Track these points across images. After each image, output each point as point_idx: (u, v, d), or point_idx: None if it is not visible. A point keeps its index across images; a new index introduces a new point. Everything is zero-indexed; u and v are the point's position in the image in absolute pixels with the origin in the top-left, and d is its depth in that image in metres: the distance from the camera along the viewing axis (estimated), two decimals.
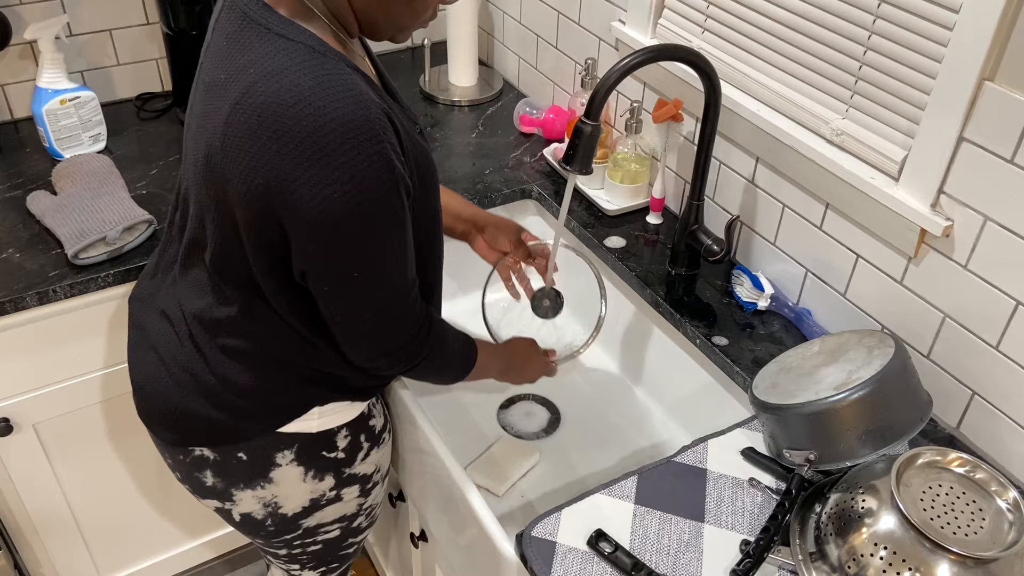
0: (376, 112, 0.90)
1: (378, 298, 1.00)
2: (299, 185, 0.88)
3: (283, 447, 1.16)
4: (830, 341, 1.15)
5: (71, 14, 1.72)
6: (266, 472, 1.17)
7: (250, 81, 0.89)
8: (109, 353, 1.51)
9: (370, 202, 0.90)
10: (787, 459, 1.08)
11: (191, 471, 1.19)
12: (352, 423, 1.21)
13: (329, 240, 0.92)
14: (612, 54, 1.64)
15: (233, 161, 0.91)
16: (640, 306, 1.50)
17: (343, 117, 0.86)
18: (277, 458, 1.17)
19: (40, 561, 1.69)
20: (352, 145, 0.87)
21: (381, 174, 0.90)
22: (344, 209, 0.89)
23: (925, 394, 1.08)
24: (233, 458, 1.16)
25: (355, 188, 0.88)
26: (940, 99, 1.06)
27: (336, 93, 0.87)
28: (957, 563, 0.87)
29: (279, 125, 0.87)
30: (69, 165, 1.58)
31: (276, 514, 1.22)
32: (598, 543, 1.01)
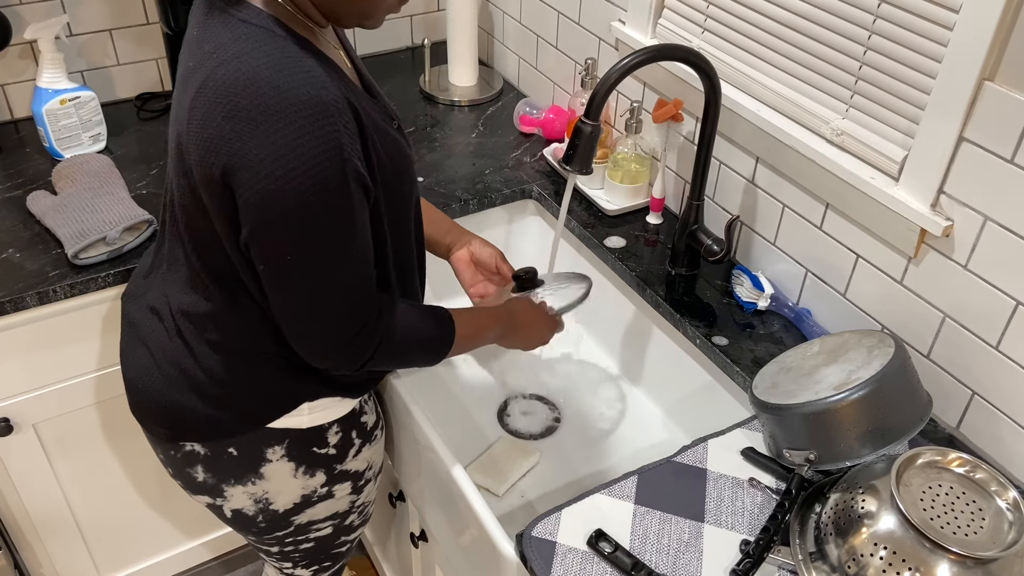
0: (332, 95, 0.89)
1: (316, 286, 0.97)
2: (246, 161, 0.88)
3: (273, 442, 1.16)
4: (830, 341, 1.15)
5: (71, 14, 1.72)
6: (257, 468, 1.17)
7: (212, 67, 0.90)
8: (109, 353, 1.51)
9: (313, 183, 0.89)
10: (787, 459, 1.08)
11: (182, 466, 1.20)
12: (343, 419, 1.21)
13: (269, 219, 0.91)
14: (612, 54, 1.64)
15: (194, 146, 0.93)
16: (640, 306, 1.50)
17: (294, 95, 0.87)
18: (268, 453, 1.17)
19: (40, 561, 1.69)
20: (300, 123, 0.87)
21: (328, 156, 0.89)
22: (286, 187, 0.88)
23: (925, 394, 1.08)
24: (224, 453, 1.16)
25: (298, 167, 0.88)
26: (940, 99, 1.06)
27: (290, 73, 0.88)
28: (957, 563, 0.87)
29: (232, 105, 0.88)
30: (69, 165, 1.58)
31: (267, 510, 1.22)
32: (598, 543, 1.01)
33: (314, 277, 0.96)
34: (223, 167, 0.90)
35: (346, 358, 1.04)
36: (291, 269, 0.95)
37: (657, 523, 1.05)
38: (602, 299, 1.60)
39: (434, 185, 1.64)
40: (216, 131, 0.89)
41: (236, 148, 0.88)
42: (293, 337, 1.03)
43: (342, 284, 0.98)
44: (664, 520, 1.05)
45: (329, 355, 1.04)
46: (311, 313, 0.99)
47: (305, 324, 1.00)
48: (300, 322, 1.00)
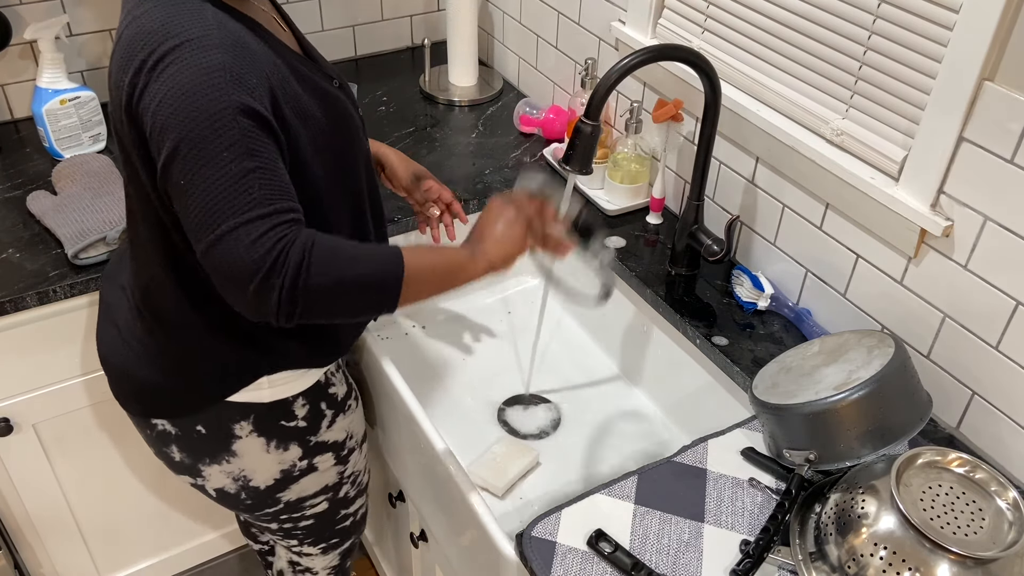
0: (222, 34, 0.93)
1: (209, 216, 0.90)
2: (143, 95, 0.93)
3: (239, 418, 1.17)
4: (830, 341, 1.15)
5: (71, 14, 1.72)
6: (228, 445, 1.18)
7: (122, 28, 0.97)
8: None
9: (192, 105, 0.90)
10: (787, 459, 1.08)
11: (159, 446, 1.22)
12: (308, 392, 1.21)
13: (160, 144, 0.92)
14: (612, 54, 1.64)
15: (113, 105, 0.99)
16: (640, 306, 1.50)
17: (184, 35, 0.91)
18: (235, 430, 1.18)
19: (40, 561, 1.69)
20: (187, 55, 0.90)
21: (210, 82, 0.90)
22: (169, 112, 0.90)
23: (925, 394, 1.08)
24: (193, 432, 1.18)
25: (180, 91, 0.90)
26: (940, 99, 1.06)
27: (185, 21, 0.92)
28: (957, 563, 0.87)
29: (133, 54, 0.93)
30: (69, 165, 1.58)
31: (248, 487, 1.23)
32: (598, 543, 1.01)
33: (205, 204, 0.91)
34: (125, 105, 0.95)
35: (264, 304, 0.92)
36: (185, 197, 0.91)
37: (657, 523, 1.05)
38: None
39: None
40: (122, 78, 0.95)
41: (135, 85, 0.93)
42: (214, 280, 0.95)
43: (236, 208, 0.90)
44: (664, 520, 1.05)
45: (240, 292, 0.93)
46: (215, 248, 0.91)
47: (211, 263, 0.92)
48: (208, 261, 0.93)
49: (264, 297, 0.91)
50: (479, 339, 1.64)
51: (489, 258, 1.06)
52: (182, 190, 0.91)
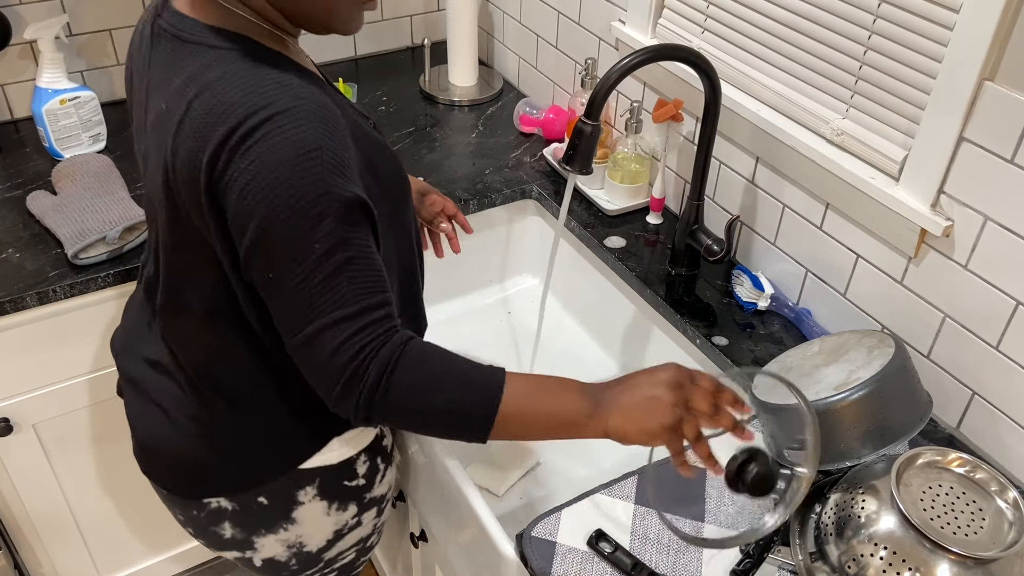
0: (311, 101, 0.84)
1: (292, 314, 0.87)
2: (230, 183, 0.83)
3: (305, 484, 1.10)
4: (830, 341, 1.15)
5: (71, 14, 1.72)
6: (288, 513, 1.11)
7: (187, 101, 0.86)
8: (109, 353, 1.51)
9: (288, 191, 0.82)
10: (787, 459, 1.08)
11: (206, 525, 1.13)
12: (369, 447, 1.16)
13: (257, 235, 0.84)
14: (612, 54, 1.64)
15: (183, 184, 0.87)
16: (640, 306, 1.50)
17: (270, 108, 0.82)
18: (299, 496, 1.11)
19: (40, 561, 1.69)
20: (277, 131, 0.82)
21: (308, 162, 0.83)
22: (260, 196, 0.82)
23: (925, 394, 1.08)
24: (253, 504, 1.10)
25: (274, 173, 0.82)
26: (940, 99, 1.06)
27: (264, 89, 0.83)
28: (957, 563, 0.87)
29: (214, 131, 0.83)
30: (69, 165, 1.58)
31: (300, 553, 1.17)
32: (598, 543, 1.01)
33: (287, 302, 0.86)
34: (210, 194, 0.85)
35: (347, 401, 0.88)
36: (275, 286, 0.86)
37: (657, 523, 1.05)
38: (602, 299, 1.60)
39: (434, 185, 1.64)
40: (200, 156, 0.84)
41: (219, 167, 0.83)
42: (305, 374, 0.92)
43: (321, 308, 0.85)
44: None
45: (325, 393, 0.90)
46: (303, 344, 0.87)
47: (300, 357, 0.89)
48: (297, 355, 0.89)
49: (344, 404, 0.88)
50: (479, 339, 1.64)
51: (607, 427, 0.89)
52: (268, 282, 0.86)
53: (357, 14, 0.92)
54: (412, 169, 1.69)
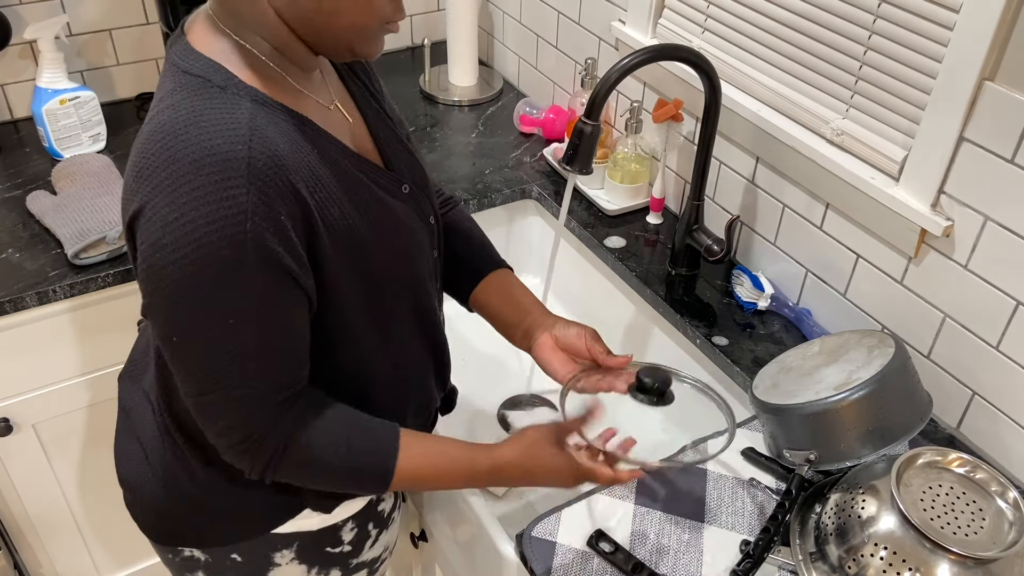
0: (258, 151, 0.76)
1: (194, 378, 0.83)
2: (141, 223, 0.77)
3: (281, 547, 1.06)
4: (830, 341, 1.15)
5: (71, 14, 1.72)
6: (264, 573, 1.07)
7: (144, 123, 0.82)
8: (109, 353, 1.51)
9: (198, 257, 0.75)
10: (787, 459, 1.08)
11: (181, 571, 1.09)
12: (359, 514, 1.09)
13: (152, 292, 0.79)
14: (612, 54, 1.64)
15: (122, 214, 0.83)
16: (640, 306, 1.50)
17: (204, 150, 0.75)
18: (276, 558, 1.06)
19: (40, 561, 1.69)
20: (198, 182, 0.74)
21: (226, 226, 0.75)
22: (168, 257, 0.76)
23: (925, 394, 1.08)
24: (227, 559, 1.06)
25: (185, 235, 0.75)
26: (940, 99, 1.06)
27: (208, 123, 0.76)
28: (957, 563, 0.87)
29: (143, 162, 0.77)
30: (69, 165, 1.58)
31: None
32: (598, 543, 1.01)
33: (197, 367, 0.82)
34: (128, 228, 0.80)
35: (239, 464, 0.89)
36: (174, 351, 0.82)
37: (657, 523, 1.05)
38: (602, 299, 1.60)
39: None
40: (127, 190, 0.79)
41: (135, 208, 0.77)
42: None
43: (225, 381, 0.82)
44: (664, 520, 1.05)
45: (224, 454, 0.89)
46: (196, 406, 0.86)
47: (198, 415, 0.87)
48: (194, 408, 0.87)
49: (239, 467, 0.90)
50: (479, 339, 1.64)
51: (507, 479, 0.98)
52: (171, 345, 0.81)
53: (381, 36, 0.87)
54: None
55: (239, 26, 0.83)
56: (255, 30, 0.83)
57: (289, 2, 0.81)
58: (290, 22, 0.83)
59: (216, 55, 0.83)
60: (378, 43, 0.87)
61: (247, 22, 0.83)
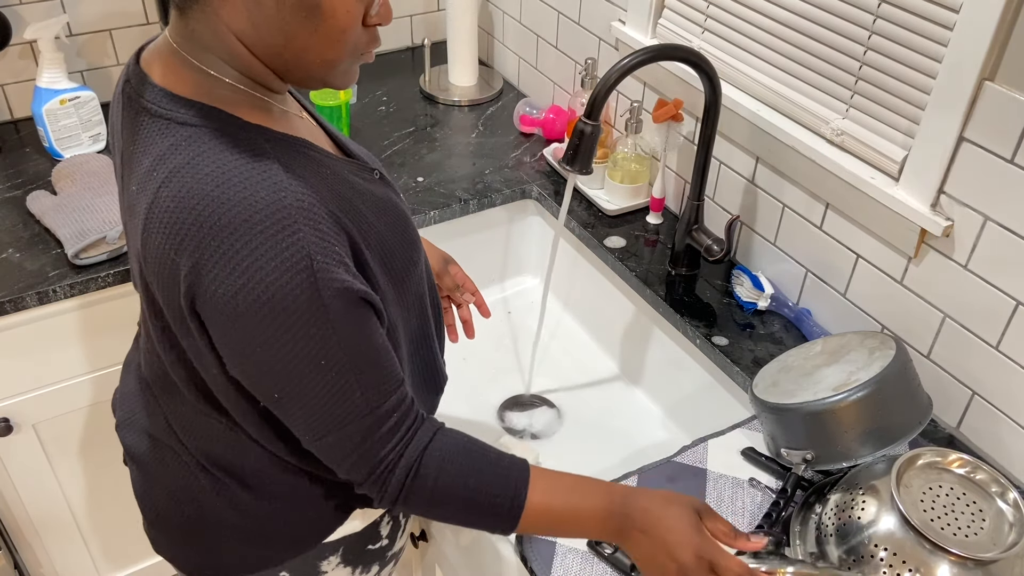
0: (298, 192, 0.76)
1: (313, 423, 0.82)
2: (207, 295, 0.75)
3: (328, 555, 1.05)
4: (832, 341, 1.15)
5: (71, 14, 1.72)
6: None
7: (154, 188, 0.77)
8: (109, 353, 1.51)
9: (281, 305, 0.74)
10: (785, 458, 1.08)
11: None
12: None
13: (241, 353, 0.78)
14: (612, 54, 1.64)
15: (158, 287, 0.80)
16: (640, 306, 1.50)
17: (250, 207, 0.73)
18: (322, 566, 1.06)
19: (40, 561, 1.69)
20: (260, 240, 0.73)
21: (297, 271, 0.74)
22: (251, 318, 0.74)
23: (925, 397, 1.08)
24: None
25: (261, 291, 0.74)
26: (940, 99, 1.06)
27: (240, 181, 0.74)
28: (957, 564, 0.87)
29: (181, 235, 0.75)
30: (69, 165, 1.58)
31: None
32: (598, 544, 1.01)
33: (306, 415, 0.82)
34: (189, 305, 0.77)
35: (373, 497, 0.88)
36: (279, 407, 0.82)
37: None
38: (602, 299, 1.60)
39: (434, 185, 1.64)
40: (172, 268, 0.76)
41: (193, 282, 0.75)
42: None
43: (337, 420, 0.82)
44: None
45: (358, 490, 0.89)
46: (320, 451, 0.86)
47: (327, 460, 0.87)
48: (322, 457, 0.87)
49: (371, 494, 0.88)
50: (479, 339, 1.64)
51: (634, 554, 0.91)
52: (275, 402, 0.82)
53: (355, 68, 0.84)
54: (413, 169, 1.69)
55: (211, 59, 0.79)
56: (228, 62, 0.80)
57: (256, 38, 0.77)
58: (258, 55, 0.80)
59: (199, 96, 0.79)
60: (352, 74, 0.84)
61: (218, 55, 0.79)
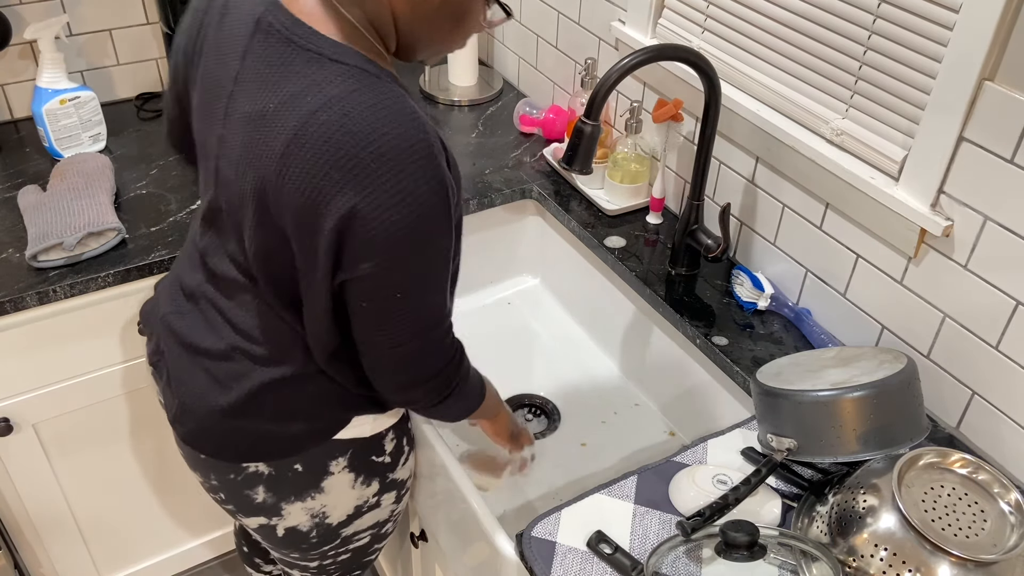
0: (432, 133, 0.89)
1: (420, 321, 0.98)
2: (362, 207, 0.86)
3: (337, 454, 1.14)
4: (848, 351, 1.15)
5: (71, 14, 1.72)
6: (319, 482, 1.15)
7: (308, 110, 0.86)
8: (109, 353, 1.51)
9: (429, 222, 0.90)
10: (768, 444, 1.07)
11: (240, 489, 1.15)
12: (397, 425, 1.20)
13: (387, 258, 0.90)
14: (612, 54, 1.64)
15: (294, 193, 0.88)
16: (640, 306, 1.50)
17: (405, 140, 0.86)
18: (331, 466, 1.14)
19: (40, 561, 1.69)
20: (415, 167, 0.86)
21: (440, 195, 0.89)
22: (406, 230, 0.88)
23: (925, 420, 1.04)
24: (289, 471, 1.13)
25: (418, 209, 0.88)
26: (940, 99, 1.06)
27: (396, 116, 0.86)
28: (958, 565, 0.87)
29: (342, 153, 0.85)
30: (67, 163, 1.57)
31: (322, 524, 1.20)
32: (598, 544, 1.01)
33: (419, 312, 0.97)
34: (337, 214, 0.87)
35: (433, 389, 1.05)
36: (397, 305, 0.95)
37: (657, 523, 1.05)
38: (602, 299, 1.60)
39: None
40: (324, 180, 0.86)
41: (351, 197, 0.86)
42: (381, 371, 1.03)
43: (439, 319, 1.00)
44: (664, 520, 1.05)
45: (419, 386, 1.04)
46: (410, 349, 0.99)
47: (400, 359, 1.00)
48: (394, 358, 1.00)
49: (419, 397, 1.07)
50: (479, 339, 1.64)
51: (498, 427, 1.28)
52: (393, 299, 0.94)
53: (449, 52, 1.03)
54: None
55: (358, 14, 0.91)
56: (372, 23, 0.92)
57: (407, 19, 0.92)
58: (399, 30, 0.94)
59: (346, 39, 0.90)
60: None
61: (367, 15, 0.91)
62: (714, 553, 0.96)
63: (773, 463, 1.04)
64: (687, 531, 0.97)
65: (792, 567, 0.99)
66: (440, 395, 1.06)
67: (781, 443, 1.05)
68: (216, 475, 1.16)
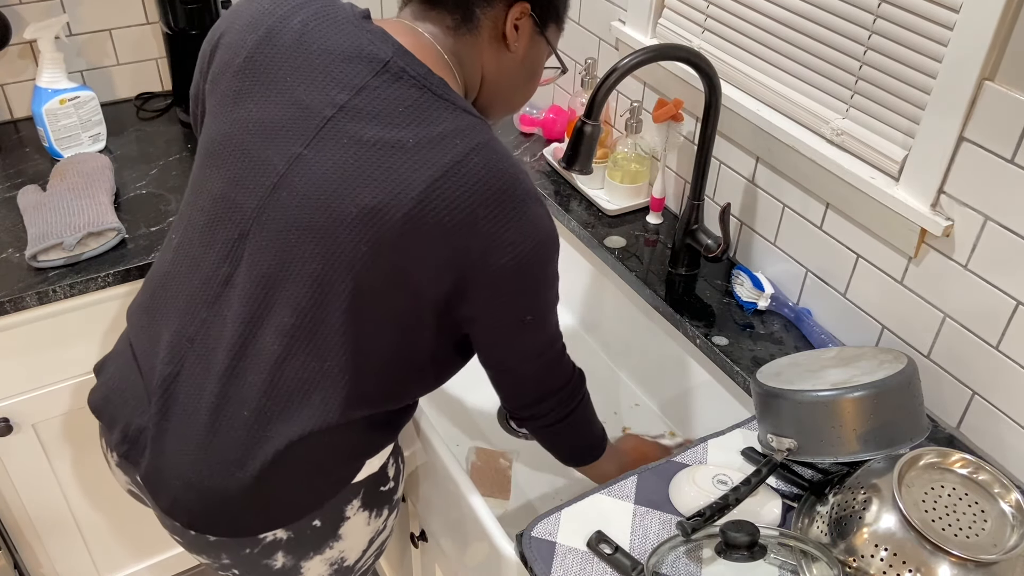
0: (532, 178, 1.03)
1: (543, 342, 1.07)
2: (501, 240, 0.95)
3: (352, 497, 1.11)
4: (848, 351, 1.15)
5: (71, 14, 1.72)
6: (336, 530, 1.11)
7: (461, 151, 0.94)
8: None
9: (549, 254, 1.01)
10: (767, 443, 1.08)
11: (258, 560, 1.08)
12: (393, 449, 1.17)
13: (513, 290, 1.00)
14: (612, 54, 1.64)
15: (432, 223, 0.93)
16: (640, 306, 1.50)
17: (529, 181, 0.99)
18: (347, 511, 1.11)
19: (40, 561, 1.69)
20: (539, 203, 0.98)
21: (553, 231, 1.01)
22: (534, 259, 0.98)
23: (925, 420, 1.04)
24: (308, 529, 1.08)
25: (541, 241, 0.99)
26: (940, 99, 1.06)
27: (518, 163, 0.99)
28: (958, 565, 0.87)
29: (488, 192, 0.94)
30: (67, 163, 1.57)
31: (341, 568, 1.16)
32: (598, 545, 1.01)
33: (541, 334, 1.07)
34: (477, 247, 0.95)
35: (560, 402, 1.13)
36: (525, 331, 1.05)
37: (657, 523, 1.05)
38: (602, 299, 1.60)
39: None
40: (469, 214, 0.94)
41: (490, 228, 0.95)
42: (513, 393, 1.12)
43: (555, 340, 1.10)
44: (664, 520, 1.05)
45: (546, 400, 1.12)
46: (538, 367, 1.09)
47: (529, 378, 1.10)
48: (524, 378, 1.10)
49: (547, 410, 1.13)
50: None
51: None
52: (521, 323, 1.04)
53: None
54: None
55: (460, 67, 1.04)
56: (463, 81, 1.06)
57: (493, 77, 1.07)
58: (484, 87, 1.08)
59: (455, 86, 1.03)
60: None
61: (462, 72, 1.05)
62: (714, 553, 0.96)
63: (773, 463, 1.04)
64: (687, 531, 0.97)
65: (792, 567, 0.99)
66: (566, 407, 1.14)
67: (781, 443, 1.05)
68: (228, 554, 1.07)
